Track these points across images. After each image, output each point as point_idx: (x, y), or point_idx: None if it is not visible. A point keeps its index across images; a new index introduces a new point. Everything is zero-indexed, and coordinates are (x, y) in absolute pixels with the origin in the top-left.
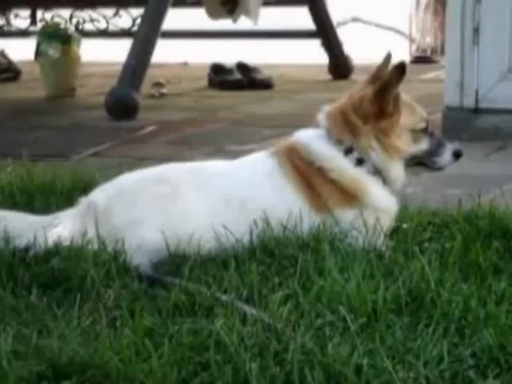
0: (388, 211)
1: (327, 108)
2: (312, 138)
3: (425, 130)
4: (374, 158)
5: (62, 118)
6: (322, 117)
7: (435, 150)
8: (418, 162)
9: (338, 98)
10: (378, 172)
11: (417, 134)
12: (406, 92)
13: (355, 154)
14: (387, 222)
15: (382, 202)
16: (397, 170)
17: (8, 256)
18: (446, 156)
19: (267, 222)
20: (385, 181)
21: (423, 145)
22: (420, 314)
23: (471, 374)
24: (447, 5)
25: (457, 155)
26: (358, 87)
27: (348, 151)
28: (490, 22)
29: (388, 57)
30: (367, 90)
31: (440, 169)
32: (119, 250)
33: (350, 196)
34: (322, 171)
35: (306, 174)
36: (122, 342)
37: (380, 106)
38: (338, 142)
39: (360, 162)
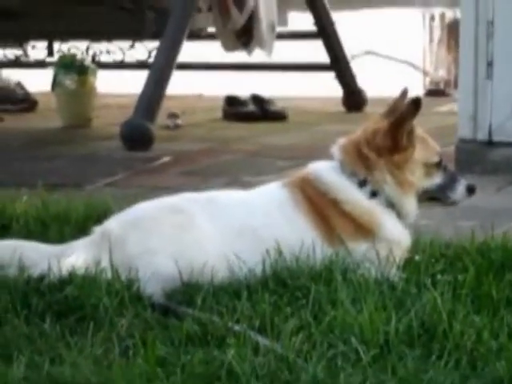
0: (401, 244)
1: (341, 141)
2: (325, 170)
3: (438, 165)
4: (388, 192)
5: (77, 148)
6: (335, 149)
7: (449, 185)
8: (432, 197)
9: (351, 130)
10: (391, 205)
11: (430, 168)
12: (419, 124)
13: (369, 187)
14: (400, 254)
15: (395, 235)
16: (410, 204)
17: (22, 284)
18: (460, 191)
19: (280, 252)
20: (398, 214)
21: (437, 179)
22: (432, 345)
23: None
24: (460, 39)
25: (471, 190)
26: (372, 121)
27: (362, 184)
28: (503, 55)
29: (405, 91)
30: (382, 123)
31: (453, 203)
32: (132, 279)
33: (364, 228)
34: (335, 203)
35: (319, 205)
36: (134, 371)
37: (394, 140)
38: (352, 174)
39: (374, 194)
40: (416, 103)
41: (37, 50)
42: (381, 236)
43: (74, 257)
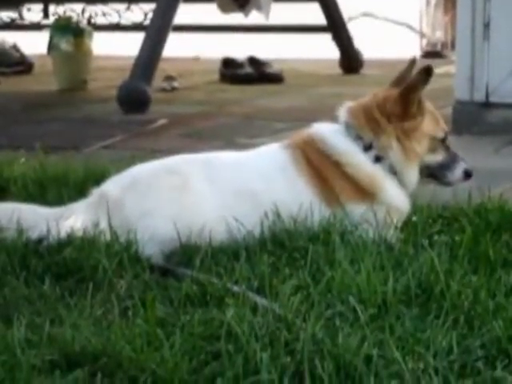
0: (400, 210)
1: (349, 104)
2: (331, 132)
3: (443, 142)
4: (392, 158)
5: (74, 111)
6: (342, 112)
7: (449, 165)
8: (430, 174)
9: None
10: (394, 172)
11: (436, 143)
12: None
13: (374, 152)
14: (398, 220)
15: (395, 201)
16: (412, 174)
17: (21, 247)
18: (457, 172)
19: (278, 215)
20: (400, 182)
21: (439, 156)
22: (430, 305)
23: (480, 365)
24: (458, 0)
25: (468, 175)
26: (382, 89)
27: (367, 148)
28: (500, 16)
29: (413, 60)
30: (392, 90)
31: (449, 184)
32: (131, 241)
33: (365, 192)
34: (338, 165)
35: (322, 167)
36: (133, 332)
37: (405, 107)
38: (358, 137)
39: (378, 159)
40: (427, 71)
41: (32, 12)
42: (381, 200)
43: (73, 219)
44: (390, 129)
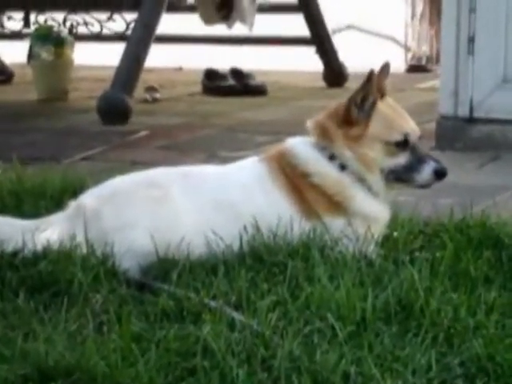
0: (377, 219)
1: (316, 115)
2: (298, 144)
3: (403, 145)
4: (352, 166)
5: (53, 122)
6: (309, 124)
7: (415, 167)
8: (397, 178)
9: (330, 105)
10: (361, 180)
11: (391, 147)
12: (400, 100)
13: (338, 160)
14: (377, 230)
15: (367, 209)
16: (375, 181)
17: None
18: (426, 173)
19: (257, 228)
20: (368, 189)
21: (400, 159)
22: (409, 322)
23: (459, 382)
24: (442, 14)
25: (439, 174)
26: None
27: (332, 157)
28: (484, 31)
29: (386, 66)
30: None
31: (422, 186)
32: (108, 254)
33: (334, 201)
34: (305, 176)
35: (294, 179)
36: (108, 347)
37: (346, 114)
38: (323, 148)
39: (343, 167)
40: (368, 76)
41: (13, 20)
42: (353, 210)
43: (49, 231)
44: (340, 135)
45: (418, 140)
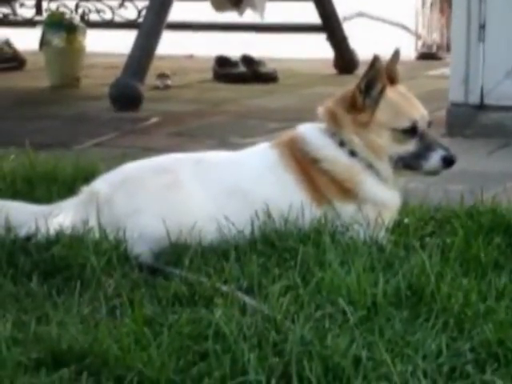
0: (386, 205)
1: (327, 102)
2: (309, 130)
3: (411, 132)
4: (361, 152)
5: (65, 108)
6: (320, 110)
7: (423, 154)
8: (405, 165)
9: (338, 92)
10: (370, 166)
11: (399, 134)
12: (411, 88)
13: (348, 146)
14: (387, 216)
15: (377, 195)
16: (384, 168)
17: (9, 244)
18: (434, 160)
19: (268, 214)
20: (377, 175)
21: (409, 146)
22: (420, 307)
23: (469, 368)
24: (453, 1)
25: (447, 161)
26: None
27: (341, 143)
28: (495, 18)
29: (396, 53)
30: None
31: (430, 174)
32: (120, 239)
33: (344, 186)
34: (315, 161)
35: (305, 165)
36: (121, 331)
37: (353, 100)
38: (333, 134)
39: (352, 153)
40: (372, 62)
41: (25, 8)
42: (363, 195)
43: (62, 216)
44: (348, 122)
45: (427, 127)
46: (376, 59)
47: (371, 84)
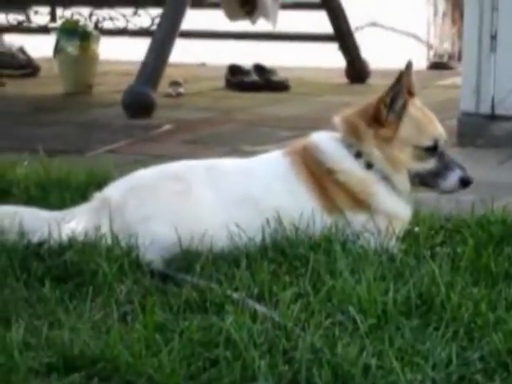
0: (399, 216)
1: (344, 111)
2: (324, 140)
3: (432, 150)
4: (379, 165)
5: (78, 115)
6: (337, 120)
7: (441, 173)
8: (422, 182)
9: (354, 102)
10: (386, 178)
11: (421, 151)
12: (422, 97)
13: (364, 158)
14: (398, 226)
15: (390, 207)
16: (401, 182)
17: (22, 249)
18: (452, 180)
19: (280, 222)
20: (393, 188)
21: (428, 164)
22: (430, 316)
23: (479, 377)
24: (465, 12)
25: (464, 183)
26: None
27: (358, 155)
28: (507, 28)
29: (409, 64)
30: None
31: (445, 192)
32: (132, 246)
33: (358, 198)
34: (331, 172)
35: (318, 174)
36: (132, 337)
37: (377, 114)
38: (350, 145)
39: (369, 166)
40: (399, 75)
41: (39, 15)
42: (376, 207)
43: (74, 222)
44: (369, 136)
45: (444, 144)
46: (402, 73)
47: (395, 98)
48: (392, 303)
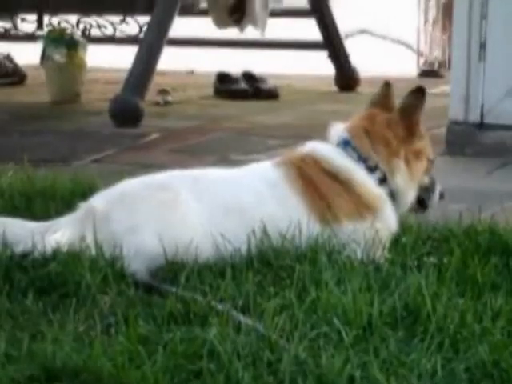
0: (391, 230)
1: (341, 125)
2: (333, 153)
3: (432, 163)
4: (397, 180)
5: (65, 123)
6: (337, 132)
7: (431, 187)
8: (418, 197)
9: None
10: (392, 194)
11: (429, 164)
12: None
13: (378, 173)
14: (387, 236)
15: (389, 222)
16: (411, 196)
17: (5, 260)
18: (437, 194)
19: (265, 232)
20: (396, 204)
21: (427, 179)
22: (415, 327)
23: None
24: (453, 20)
25: (441, 196)
26: (364, 112)
27: (372, 169)
28: (496, 37)
29: (387, 84)
30: (383, 112)
31: (426, 208)
32: (116, 256)
33: (364, 211)
34: (343, 183)
35: (319, 185)
36: (115, 349)
37: (411, 128)
38: (360, 158)
39: (382, 181)
40: (421, 90)
41: (26, 22)
42: (379, 220)
43: (59, 233)
44: (401, 151)
45: None
46: (423, 88)
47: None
48: (377, 314)
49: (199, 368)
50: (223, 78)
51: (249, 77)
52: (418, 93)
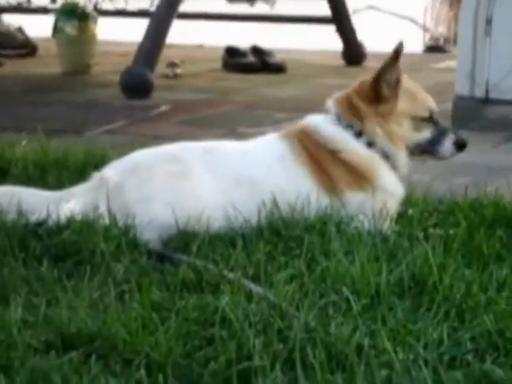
0: (395, 195)
1: (336, 94)
2: (323, 122)
3: (428, 119)
4: (380, 143)
5: (76, 95)
6: (330, 103)
7: (438, 140)
8: (424, 151)
9: (350, 83)
10: (386, 156)
11: (418, 122)
12: (417, 80)
13: (365, 138)
14: (394, 206)
15: (390, 185)
16: (401, 157)
17: (20, 229)
18: (447, 146)
19: (276, 204)
20: (392, 165)
21: (426, 134)
22: (422, 297)
23: (470, 357)
24: None
25: (459, 145)
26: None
27: (358, 135)
28: (503, 13)
29: (400, 45)
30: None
31: (444, 158)
32: (129, 226)
33: (361, 177)
34: (334, 153)
35: (317, 156)
36: (129, 315)
37: (376, 91)
38: (348, 126)
39: (370, 145)
40: (395, 52)
41: None
42: (377, 185)
43: (72, 202)
44: (371, 113)
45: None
46: (399, 50)
47: (391, 74)
48: (385, 284)
49: (211, 335)
50: (232, 52)
51: (257, 51)
52: (392, 54)
